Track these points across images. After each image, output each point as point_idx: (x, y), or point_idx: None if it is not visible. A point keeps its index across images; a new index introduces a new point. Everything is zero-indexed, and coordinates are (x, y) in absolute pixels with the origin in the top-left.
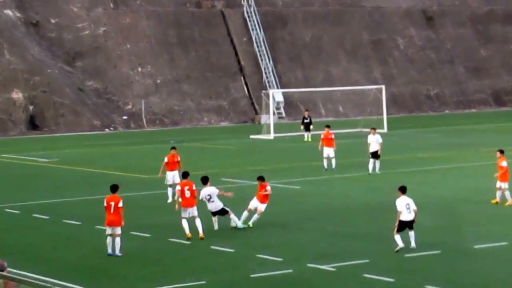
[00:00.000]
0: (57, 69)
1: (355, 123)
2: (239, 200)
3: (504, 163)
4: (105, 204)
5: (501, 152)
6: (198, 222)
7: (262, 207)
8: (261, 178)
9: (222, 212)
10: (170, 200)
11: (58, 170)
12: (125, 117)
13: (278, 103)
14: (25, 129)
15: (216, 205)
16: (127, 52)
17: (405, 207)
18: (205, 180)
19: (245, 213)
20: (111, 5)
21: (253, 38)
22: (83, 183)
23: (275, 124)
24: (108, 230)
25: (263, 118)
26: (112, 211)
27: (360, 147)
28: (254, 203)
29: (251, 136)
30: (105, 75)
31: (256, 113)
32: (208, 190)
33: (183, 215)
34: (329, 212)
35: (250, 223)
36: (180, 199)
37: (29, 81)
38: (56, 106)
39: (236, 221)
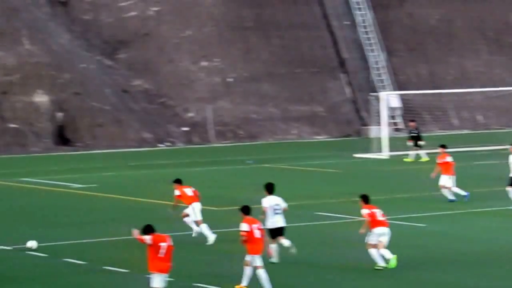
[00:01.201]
0: (94, 64)
1: (501, 137)
2: (342, 241)
3: None
4: (149, 242)
5: None
6: (263, 274)
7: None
8: (364, 199)
9: (282, 232)
10: (212, 239)
11: (95, 200)
12: (185, 128)
13: (393, 109)
14: (51, 143)
15: (283, 219)
16: (187, 40)
17: None
18: (271, 189)
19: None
20: None
21: (359, 21)
22: (128, 216)
23: (390, 139)
24: (158, 282)
25: (373, 131)
26: (163, 254)
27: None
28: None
29: (357, 155)
30: (158, 72)
31: (363, 123)
32: (276, 199)
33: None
34: (468, 261)
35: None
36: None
37: (56, 80)
38: (92, 113)
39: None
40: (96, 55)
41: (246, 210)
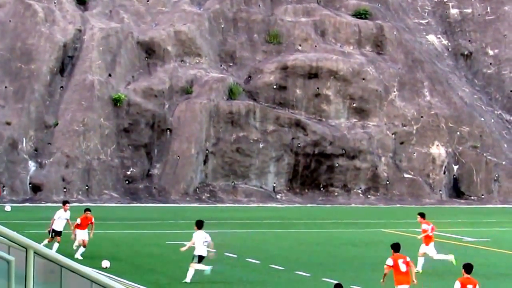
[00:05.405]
0: (494, 118)
1: None
2: None
3: None
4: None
5: None
6: None
7: None
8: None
9: None
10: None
11: (486, 254)
12: None
13: None
14: (445, 195)
15: None
16: None
17: None
18: None
19: None
20: None
21: None
22: None
23: None
24: None
25: None
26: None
27: None
28: None
29: None
30: None
31: None
32: None
33: None
34: None
35: None
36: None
37: (454, 132)
38: (489, 168)
39: None
40: (496, 110)
41: (395, 248)
